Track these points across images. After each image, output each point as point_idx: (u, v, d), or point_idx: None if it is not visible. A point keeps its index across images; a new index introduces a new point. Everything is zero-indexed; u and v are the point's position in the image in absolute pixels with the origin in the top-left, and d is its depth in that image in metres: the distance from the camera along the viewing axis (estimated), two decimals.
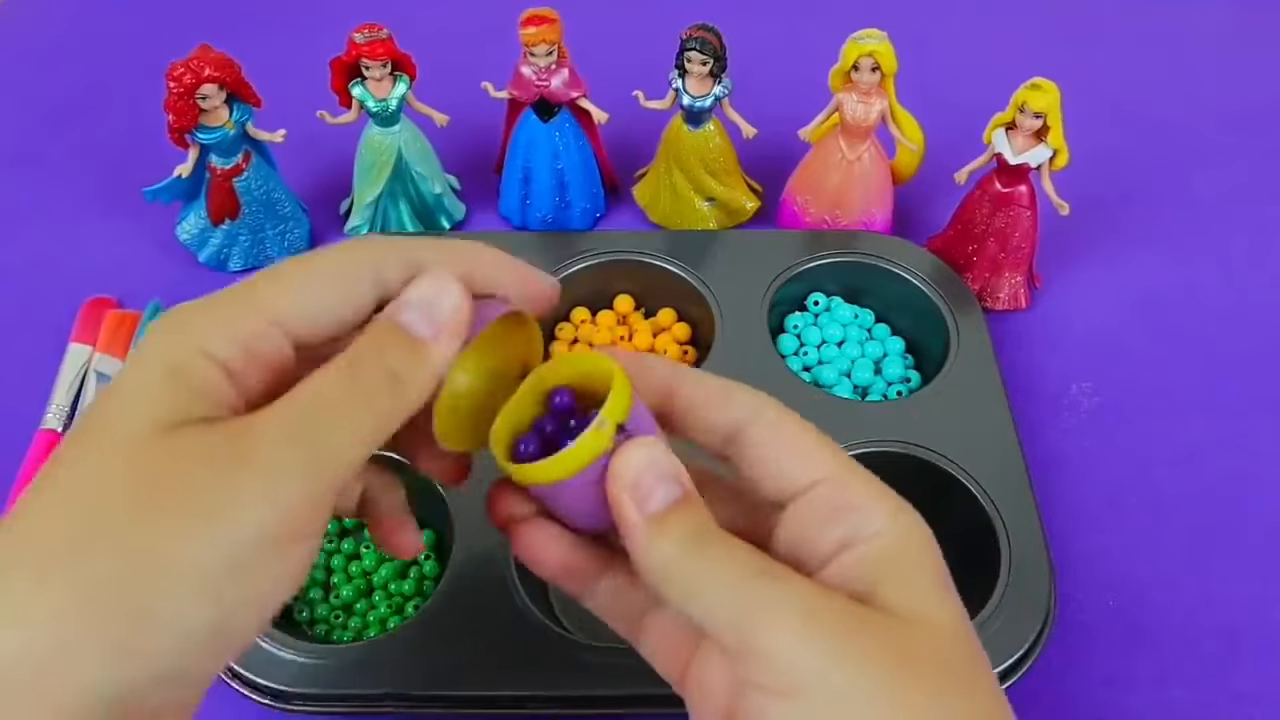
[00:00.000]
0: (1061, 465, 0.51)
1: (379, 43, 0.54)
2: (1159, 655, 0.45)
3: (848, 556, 0.25)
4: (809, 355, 0.54)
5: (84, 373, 0.53)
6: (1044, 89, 0.50)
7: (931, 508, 0.47)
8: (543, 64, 0.55)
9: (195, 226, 0.58)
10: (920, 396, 0.50)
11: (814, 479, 0.26)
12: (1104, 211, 0.62)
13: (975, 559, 0.45)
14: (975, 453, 0.47)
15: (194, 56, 0.52)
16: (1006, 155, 0.52)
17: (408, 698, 0.40)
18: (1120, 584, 0.47)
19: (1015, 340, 0.56)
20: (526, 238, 0.59)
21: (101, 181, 0.64)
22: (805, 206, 0.59)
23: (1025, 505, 0.45)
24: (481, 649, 0.41)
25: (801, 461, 0.26)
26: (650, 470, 0.25)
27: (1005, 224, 0.55)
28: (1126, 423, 0.53)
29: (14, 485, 0.49)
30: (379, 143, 0.57)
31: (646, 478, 0.25)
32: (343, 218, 0.61)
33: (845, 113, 0.55)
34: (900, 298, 0.55)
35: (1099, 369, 0.55)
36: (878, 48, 0.52)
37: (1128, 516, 0.49)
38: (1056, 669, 0.44)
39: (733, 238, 0.59)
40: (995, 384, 0.50)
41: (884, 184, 0.58)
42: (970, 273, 0.56)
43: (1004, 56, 0.72)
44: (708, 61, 0.53)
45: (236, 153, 0.55)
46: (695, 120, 0.57)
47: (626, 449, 0.25)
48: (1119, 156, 0.66)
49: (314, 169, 0.63)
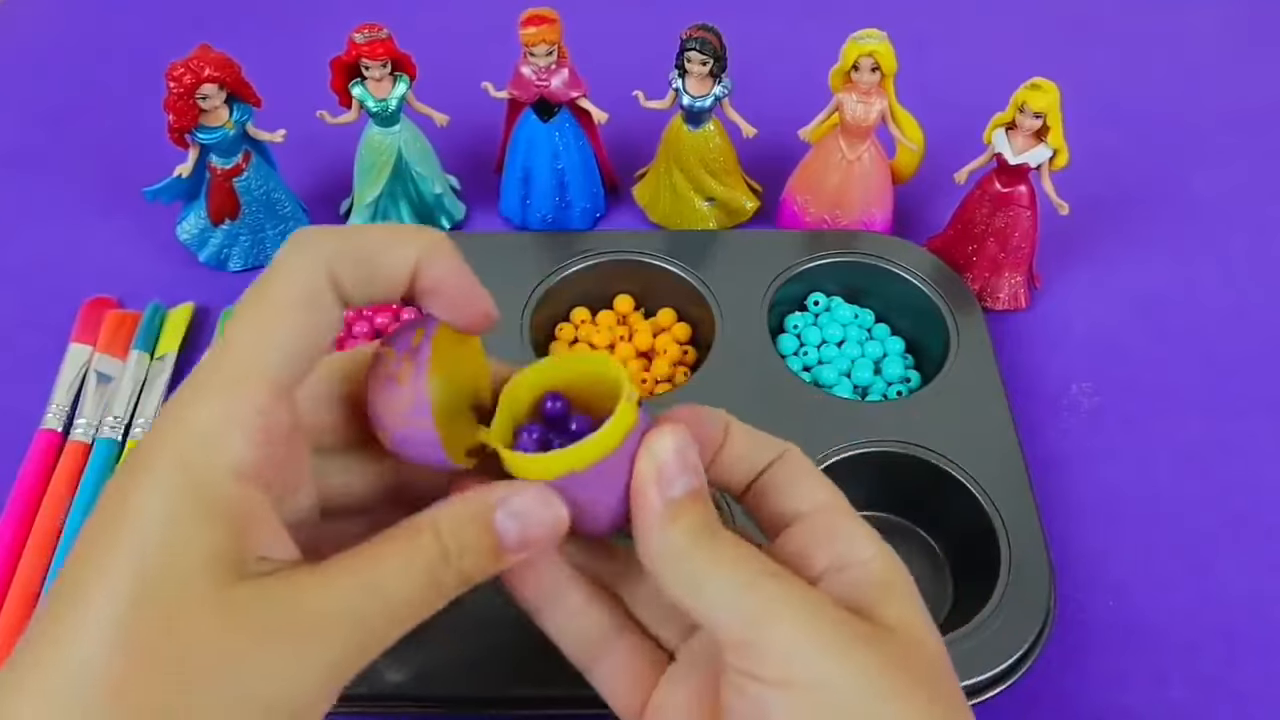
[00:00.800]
0: (1061, 465, 0.51)
1: (379, 43, 0.54)
2: (1158, 656, 0.45)
3: (842, 576, 0.26)
4: (809, 355, 0.54)
5: (84, 373, 0.53)
6: (1044, 89, 0.50)
7: (931, 508, 0.47)
8: (543, 64, 0.55)
9: (195, 226, 0.58)
10: (920, 396, 0.51)
11: (817, 505, 0.27)
12: (1104, 211, 0.62)
13: (975, 559, 0.45)
14: (975, 453, 0.47)
15: (194, 56, 0.52)
16: (1006, 155, 0.52)
17: (408, 698, 0.40)
18: (1120, 584, 0.47)
19: (1015, 340, 0.56)
20: (526, 238, 0.59)
21: (101, 181, 0.64)
22: (805, 206, 0.59)
23: (1025, 505, 0.45)
24: (482, 649, 0.41)
25: (810, 490, 0.28)
26: (678, 457, 0.25)
27: (1005, 224, 0.55)
28: (1126, 423, 0.53)
29: (14, 485, 0.49)
30: (379, 143, 0.57)
31: (673, 463, 0.25)
32: (343, 218, 0.61)
33: (845, 113, 0.55)
34: (900, 298, 0.55)
35: (1099, 369, 0.55)
36: (878, 48, 0.52)
37: (1128, 516, 0.49)
38: (1056, 669, 0.44)
39: (733, 238, 0.59)
40: (995, 384, 0.50)
41: (884, 184, 0.58)
42: (970, 273, 0.56)
43: (1004, 56, 0.72)
44: (708, 61, 0.53)
45: (236, 153, 0.55)
46: (695, 120, 0.57)
47: (661, 432, 0.25)
48: (1119, 156, 0.66)
49: (314, 169, 0.63)
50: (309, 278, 0.23)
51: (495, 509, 0.24)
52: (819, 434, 0.48)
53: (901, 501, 0.48)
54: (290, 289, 0.23)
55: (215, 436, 0.22)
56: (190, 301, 0.57)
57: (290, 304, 0.23)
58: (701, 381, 0.50)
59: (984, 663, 0.41)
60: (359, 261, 0.24)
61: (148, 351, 0.54)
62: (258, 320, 0.23)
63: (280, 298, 0.23)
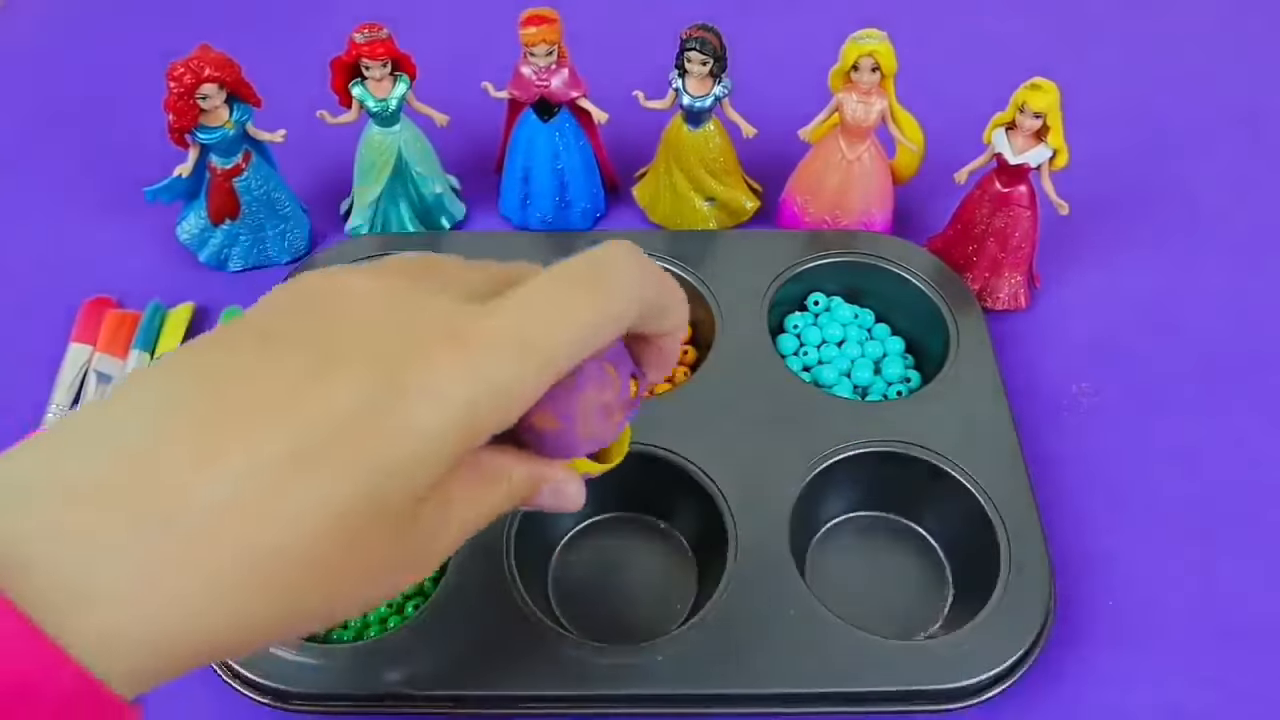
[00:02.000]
0: (1061, 465, 0.51)
1: (379, 43, 0.54)
2: (1159, 656, 0.45)
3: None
4: (809, 355, 0.54)
5: (84, 373, 0.53)
6: (1044, 89, 0.50)
7: (931, 508, 0.47)
8: (543, 64, 0.55)
9: (195, 226, 0.58)
10: (920, 396, 0.51)
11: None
12: (1104, 211, 0.62)
13: (975, 559, 0.45)
14: (975, 453, 0.47)
15: (194, 56, 0.52)
16: (1006, 155, 0.52)
17: (408, 698, 0.40)
18: (1120, 584, 0.47)
19: (1015, 340, 0.56)
20: (526, 238, 0.59)
21: (101, 181, 0.64)
22: (805, 206, 0.59)
23: (1025, 505, 0.45)
24: (481, 649, 0.41)
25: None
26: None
27: (1005, 224, 0.55)
28: (1126, 422, 0.53)
29: None
30: (379, 143, 0.57)
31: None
32: (343, 218, 0.61)
33: (845, 113, 0.55)
34: (900, 298, 0.55)
35: (1099, 369, 0.55)
36: (878, 48, 0.52)
37: (1128, 516, 0.49)
38: (1056, 669, 0.44)
39: (733, 238, 0.59)
40: (995, 384, 0.50)
41: (884, 184, 0.58)
42: (970, 273, 0.56)
43: (1004, 56, 0.72)
44: (708, 61, 0.53)
45: (236, 153, 0.55)
46: (695, 120, 0.57)
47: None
48: (1119, 156, 0.66)
49: (314, 169, 0.63)
50: (630, 307, 0.27)
51: (545, 484, 0.29)
52: (819, 434, 0.48)
53: (901, 501, 0.48)
54: (615, 304, 0.27)
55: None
56: (190, 301, 0.57)
57: (611, 318, 0.27)
58: (701, 381, 0.50)
59: (984, 663, 0.41)
60: (658, 311, 0.29)
61: (148, 351, 0.54)
62: (572, 310, 0.26)
63: (606, 309, 0.27)
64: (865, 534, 0.48)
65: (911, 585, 0.47)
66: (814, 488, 0.46)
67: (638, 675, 0.41)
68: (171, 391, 0.23)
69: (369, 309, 0.25)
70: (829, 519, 0.48)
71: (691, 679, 0.41)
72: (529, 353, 0.25)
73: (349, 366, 0.23)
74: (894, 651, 0.41)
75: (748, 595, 0.42)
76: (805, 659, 0.41)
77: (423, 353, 0.24)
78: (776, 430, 0.48)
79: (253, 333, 0.25)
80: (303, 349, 0.24)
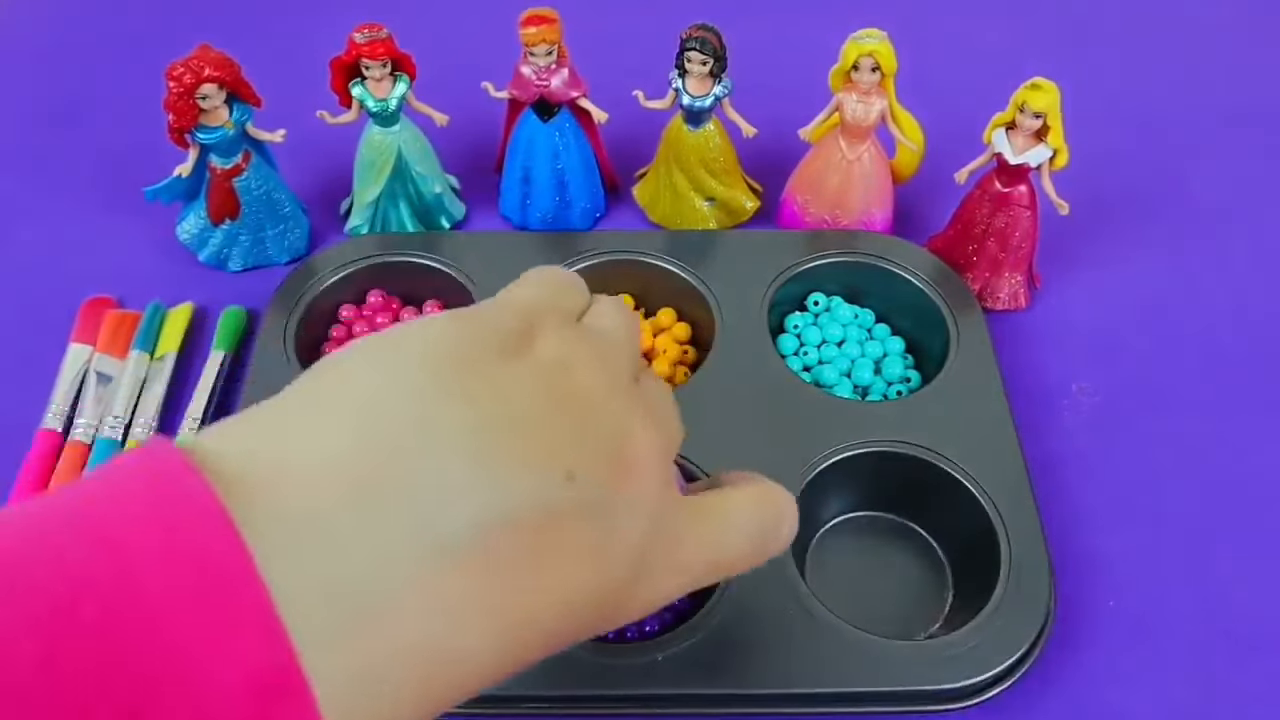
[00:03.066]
0: (1061, 465, 0.51)
1: (379, 42, 0.54)
2: (1159, 656, 0.45)
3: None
4: (809, 355, 0.54)
5: (84, 373, 0.53)
6: (1044, 89, 0.50)
7: (931, 508, 0.47)
8: (543, 64, 0.55)
9: (195, 226, 0.58)
10: (920, 396, 0.51)
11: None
12: (1104, 211, 0.62)
13: (975, 559, 0.45)
14: (975, 453, 0.47)
15: (194, 56, 0.52)
16: (1006, 155, 0.52)
17: None
18: (1120, 584, 0.47)
19: (1015, 340, 0.56)
20: (526, 238, 0.59)
21: (101, 181, 0.64)
22: (805, 206, 0.59)
23: (1025, 505, 0.45)
24: None
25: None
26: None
27: (1005, 224, 0.55)
28: (1127, 423, 0.53)
29: (13, 485, 0.49)
30: (379, 143, 0.57)
31: None
32: (342, 218, 0.61)
33: (845, 113, 0.55)
34: (900, 298, 0.55)
35: (1099, 369, 0.55)
36: (878, 48, 0.52)
37: (1128, 516, 0.49)
38: (1056, 669, 0.44)
39: (733, 238, 0.59)
40: (995, 384, 0.50)
41: (884, 184, 0.58)
42: (970, 273, 0.56)
43: (1004, 56, 0.72)
44: (708, 61, 0.53)
45: (236, 153, 0.55)
46: (695, 120, 0.57)
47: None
48: (1119, 156, 0.66)
49: (314, 169, 0.63)
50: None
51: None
52: (819, 434, 0.48)
53: (901, 501, 0.48)
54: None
55: None
56: (190, 301, 0.57)
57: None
58: (701, 381, 0.50)
59: (984, 663, 0.41)
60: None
61: (148, 351, 0.54)
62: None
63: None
64: (865, 534, 0.48)
65: (911, 585, 0.47)
66: (814, 487, 0.46)
67: (637, 675, 0.40)
68: None
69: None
70: (829, 519, 0.48)
71: (691, 679, 0.40)
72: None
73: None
74: (894, 651, 0.41)
75: (747, 595, 0.42)
76: (805, 659, 0.41)
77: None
78: (776, 430, 0.48)
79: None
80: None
